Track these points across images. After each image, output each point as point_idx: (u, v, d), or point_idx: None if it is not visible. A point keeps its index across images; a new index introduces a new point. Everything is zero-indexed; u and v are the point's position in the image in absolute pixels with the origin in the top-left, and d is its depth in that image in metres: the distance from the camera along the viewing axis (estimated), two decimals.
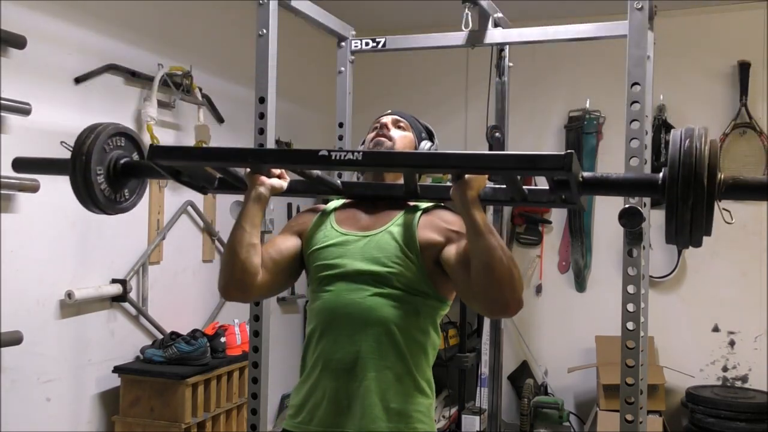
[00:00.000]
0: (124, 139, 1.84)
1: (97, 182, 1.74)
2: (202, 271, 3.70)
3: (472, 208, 1.45)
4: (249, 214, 1.62)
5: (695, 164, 1.30)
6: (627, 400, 2.00)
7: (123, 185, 1.85)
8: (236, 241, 1.60)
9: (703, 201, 1.30)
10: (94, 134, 1.74)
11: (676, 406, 4.21)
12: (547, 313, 4.63)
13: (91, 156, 1.71)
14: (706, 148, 1.31)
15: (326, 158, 1.45)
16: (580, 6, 4.08)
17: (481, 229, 1.43)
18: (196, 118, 3.49)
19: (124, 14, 3.15)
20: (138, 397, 3.02)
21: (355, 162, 1.45)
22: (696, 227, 1.33)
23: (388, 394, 1.56)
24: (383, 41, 2.65)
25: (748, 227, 4.20)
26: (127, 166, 1.82)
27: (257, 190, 1.63)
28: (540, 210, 4.59)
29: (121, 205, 1.87)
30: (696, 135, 1.33)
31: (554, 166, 1.33)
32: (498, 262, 1.41)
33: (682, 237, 1.35)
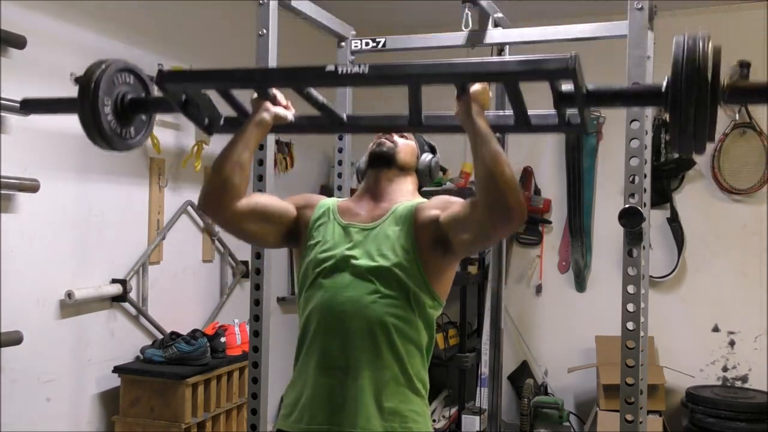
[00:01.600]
0: (132, 76, 1.82)
1: (104, 114, 1.72)
2: (202, 271, 3.70)
3: (476, 117, 1.48)
4: (246, 135, 1.61)
5: (699, 62, 1.29)
6: (627, 400, 2.00)
7: (130, 122, 1.82)
8: (224, 155, 1.60)
9: (707, 101, 1.29)
10: (103, 67, 1.73)
11: (676, 406, 4.21)
12: (547, 313, 4.63)
13: (99, 87, 1.69)
14: (710, 47, 1.30)
15: (333, 73, 1.46)
16: (580, 6, 4.08)
17: (486, 135, 1.46)
18: None
19: (124, 14, 3.15)
20: (138, 397, 3.02)
21: (362, 75, 1.45)
22: (699, 129, 1.31)
23: (383, 394, 1.56)
24: (383, 41, 2.65)
25: (748, 227, 4.20)
26: (135, 101, 1.80)
27: (261, 114, 1.63)
28: (540, 210, 4.59)
29: (127, 141, 1.84)
30: (699, 37, 1.32)
31: (560, 68, 1.32)
32: (503, 165, 1.44)
33: (685, 138, 1.34)
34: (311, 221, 1.72)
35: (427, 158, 1.83)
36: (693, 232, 4.32)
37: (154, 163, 3.31)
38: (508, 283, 4.61)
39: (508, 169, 1.44)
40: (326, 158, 4.73)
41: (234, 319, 3.57)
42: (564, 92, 1.43)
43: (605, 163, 4.45)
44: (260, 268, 2.18)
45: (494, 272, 2.99)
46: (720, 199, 4.28)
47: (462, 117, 1.50)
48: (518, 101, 1.51)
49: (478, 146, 1.46)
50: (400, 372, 1.59)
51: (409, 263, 1.60)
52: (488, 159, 1.44)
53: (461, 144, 4.58)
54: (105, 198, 3.05)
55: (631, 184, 2.02)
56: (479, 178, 1.47)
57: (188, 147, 3.49)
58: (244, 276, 3.90)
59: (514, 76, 1.44)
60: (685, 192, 4.35)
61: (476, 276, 4.36)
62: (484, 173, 1.45)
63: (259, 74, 1.67)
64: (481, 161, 1.45)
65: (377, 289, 1.59)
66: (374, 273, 1.60)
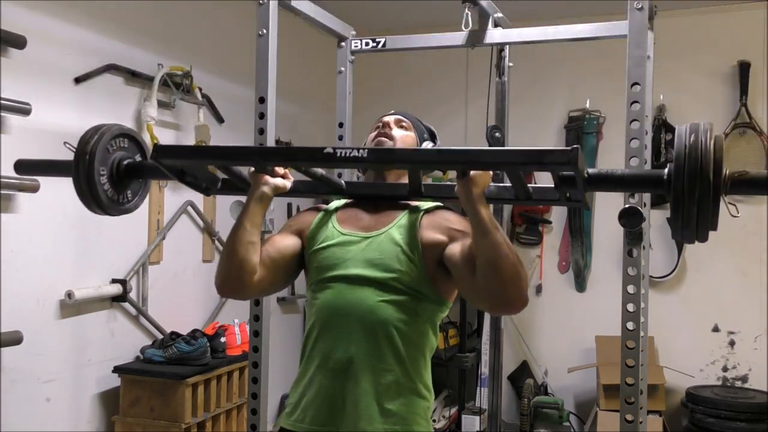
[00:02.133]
0: (127, 140, 1.84)
1: (100, 183, 1.74)
2: (202, 271, 3.70)
3: (477, 204, 1.45)
4: (251, 212, 1.61)
5: (701, 159, 1.29)
6: (627, 400, 2.00)
7: (126, 186, 1.85)
8: (236, 239, 1.60)
9: (709, 195, 1.30)
10: (97, 135, 1.74)
11: (676, 406, 4.21)
12: (547, 313, 4.63)
13: (95, 157, 1.71)
14: (712, 142, 1.31)
15: (331, 156, 1.45)
16: (580, 6, 4.08)
17: (487, 225, 1.43)
18: (196, 118, 3.49)
19: (124, 14, 3.15)
20: (138, 397, 3.02)
21: (360, 159, 1.44)
22: (702, 222, 1.33)
23: (385, 396, 1.56)
24: (383, 41, 2.65)
25: (748, 227, 4.20)
26: (131, 167, 1.82)
27: (261, 189, 1.63)
28: (540, 210, 4.59)
29: (124, 206, 1.87)
30: (701, 130, 1.32)
31: (560, 161, 1.33)
32: (504, 258, 1.41)
33: (688, 232, 1.35)
34: (310, 232, 1.71)
35: (428, 146, 1.80)
36: None
37: None
38: None
39: (510, 261, 1.41)
40: None
41: (234, 319, 3.57)
42: (565, 176, 1.43)
43: (605, 163, 4.44)
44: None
45: None
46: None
47: (462, 199, 1.47)
48: (519, 182, 1.53)
49: (478, 235, 1.44)
50: (402, 375, 1.58)
51: (415, 273, 1.59)
52: (489, 250, 1.42)
53: (461, 144, 4.59)
54: None
55: None
56: (479, 264, 1.44)
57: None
58: None
59: (516, 167, 1.45)
60: None
61: None
62: (484, 263, 1.43)
63: (257, 154, 1.65)
64: (481, 251, 1.43)
65: (381, 293, 1.58)
66: (377, 281, 1.59)
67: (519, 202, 1.64)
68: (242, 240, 1.59)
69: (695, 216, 1.32)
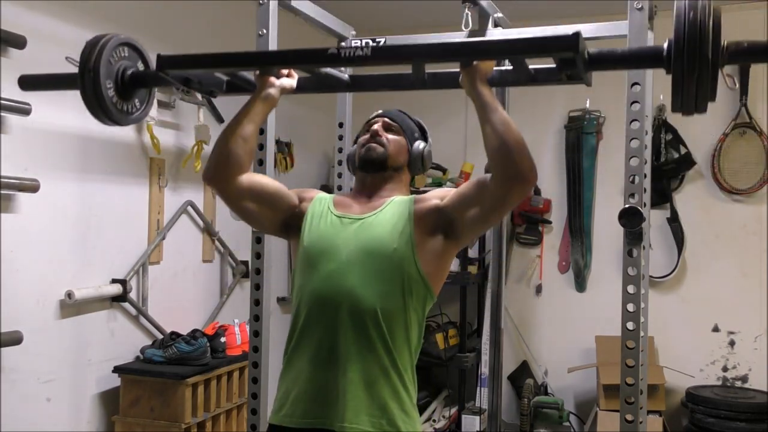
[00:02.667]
0: (128, 48, 1.82)
1: (108, 96, 1.72)
2: (202, 271, 3.70)
3: (481, 86, 1.51)
4: (252, 110, 1.65)
5: (699, 30, 1.31)
6: (627, 400, 2.00)
7: (132, 96, 1.82)
8: (229, 129, 1.64)
9: (708, 66, 1.31)
10: (98, 47, 1.72)
11: (676, 406, 4.21)
12: (547, 313, 4.63)
13: (99, 71, 1.69)
14: (710, 16, 1.32)
15: (335, 56, 1.48)
16: (580, 6, 4.08)
17: (494, 103, 1.50)
18: (196, 118, 3.49)
19: (124, 14, 3.15)
20: (138, 397, 3.02)
21: (365, 57, 1.46)
22: (701, 93, 1.34)
23: (373, 387, 1.57)
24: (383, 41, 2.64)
25: (748, 227, 4.20)
26: (136, 77, 1.80)
27: (267, 91, 1.67)
28: (540, 210, 4.59)
29: (133, 115, 1.84)
30: (699, 6, 1.33)
31: (563, 47, 1.37)
32: (513, 131, 1.47)
33: (687, 103, 1.37)
34: (307, 212, 1.73)
35: (419, 147, 1.82)
36: (693, 232, 4.32)
37: (154, 163, 3.31)
38: (508, 283, 4.61)
39: (518, 133, 1.48)
40: (326, 158, 4.74)
41: (234, 319, 3.57)
42: (566, 58, 1.45)
43: (605, 163, 4.45)
44: (260, 268, 2.18)
45: (494, 272, 2.99)
46: (720, 199, 4.28)
47: (467, 87, 1.53)
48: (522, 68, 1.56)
49: (487, 114, 1.49)
50: (390, 365, 1.59)
51: (404, 250, 1.60)
52: (498, 125, 1.47)
53: (461, 144, 4.59)
54: (105, 198, 3.05)
55: (631, 184, 2.02)
56: (491, 146, 1.49)
57: (188, 147, 3.49)
58: (244, 276, 3.90)
59: (521, 54, 1.48)
60: (685, 192, 4.35)
61: (476, 276, 4.36)
62: (496, 140, 1.47)
63: (262, 59, 1.68)
64: (491, 129, 1.48)
65: (369, 277, 1.59)
66: (367, 260, 1.60)
67: (522, 83, 1.67)
68: (235, 132, 1.63)
69: (694, 87, 1.33)
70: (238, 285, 3.95)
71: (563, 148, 4.53)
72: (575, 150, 4.48)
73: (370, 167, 1.76)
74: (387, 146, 1.76)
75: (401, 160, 1.79)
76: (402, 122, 1.83)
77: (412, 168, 1.82)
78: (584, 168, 4.47)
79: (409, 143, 1.81)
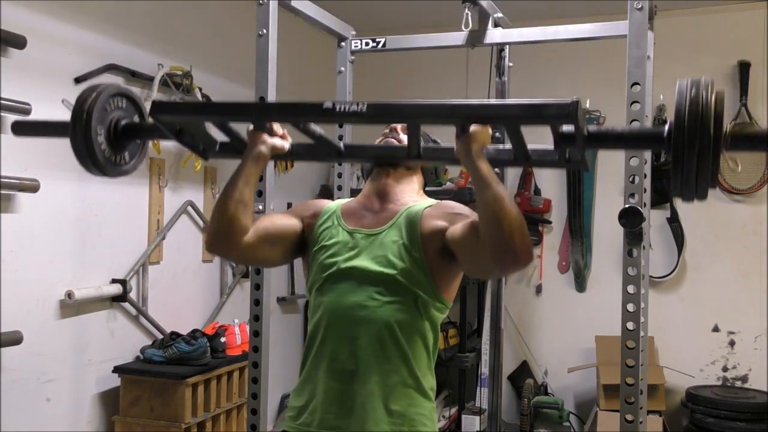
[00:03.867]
0: (125, 100, 1.81)
1: (97, 142, 1.71)
2: (202, 271, 3.70)
3: (477, 159, 1.44)
4: (245, 171, 1.59)
5: (702, 114, 1.28)
6: (627, 400, 2.00)
7: (123, 147, 1.81)
8: (227, 195, 1.58)
9: (710, 151, 1.28)
10: (95, 93, 1.71)
11: (676, 406, 4.21)
12: (547, 313, 4.63)
13: (92, 115, 1.68)
14: (713, 99, 1.30)
15: (330, 110, 1.43)
16: (580, 6, 4.08)
17: (488, 178, 1.43)
18: None
19: (124, 14, 3.15)
20: (138, 397, 3.02)
21: (360, 113, 1.42)
22: (702, 179, 1.31)
23: (391, 398, 1.56)
24: (383, 41, 2.65)
25: (748, 227, 4.20)
26: (128, 128, 1.79)
27: (258, 148, 1.60)
28: (540, 210, 4.59)
29: (121, 167, 1.83)
30: (702, 84, 1.32)
31: (560, 113, 1.31)
32: (507, 210, 1.41)
33: (687, 189, 1.34)
34: (316, 228, 1.71)
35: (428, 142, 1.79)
36: (693, 232, 4.32)
37: (154, 163, 3.32)
38: (508, 283, 4.60)
39: (513, 212, 1.40)
40: None
41: (234, 319, 3.57)
42: (565, 133, 1.42)
43: (605, 163, 4.45)
44: (260, 269, 2.18)
45: None
46: (720, 199, 4.28)
47: (462, 157, 1.46)
48: (518, 140, 1.51)
49: (480, 189, 1.43)
50: (408, 375, 1.58)
51: (416, 270, 1.59)
52: (491, 202, 1.41)
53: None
54: (105, 198, 3.05)
55: (631, 184, 2.02)
56: (482, 220, 1.43)
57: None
58: (244, 276, 3.90)
59: (516, 120, 1.42)
60: None
61: None
62: (487, 216, 1.42)
63: (256, 109, 1.63)
64: (483, 204, 1.42)
65: (384, 293, 1.58)
66: (380, 279, 1.59)
67: (518, 163, 1.63)
68: (233, 197, 1.57)
69: (695, 172, 1.30)
70: (238, 285, 3.95)
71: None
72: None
73: (386, 161, 1.76)
74: (404, 144, 1.74)
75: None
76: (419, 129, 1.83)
77: (426, 173, 1.82)
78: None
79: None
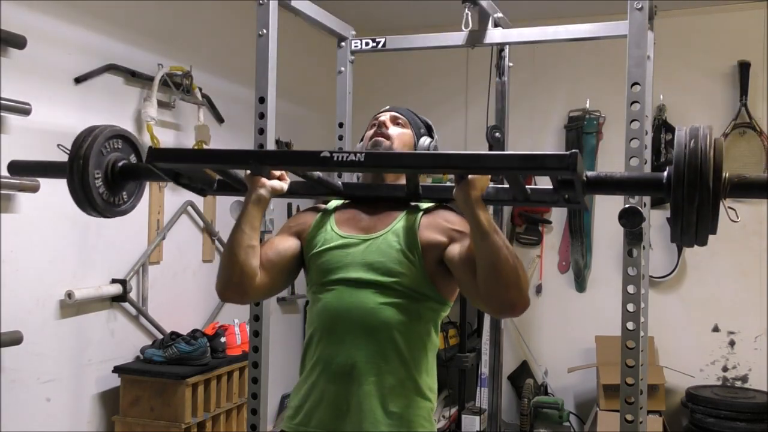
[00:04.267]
0: (122, 141, 1.84)
1: (95, 186, 1.73)
2: (202, 271, 3.70)
3: (476, 208, 1.43)
4: (249, 216, 1.61)
5: (701, 164, 1.29)
6: (627, 400, 2.00)
7: (121, 188, 1.85)
8: (235, 243, 1.59)
9: (709, 201, 1.30)
10: (91, 137, 1.73)
11: (676, 406, 4.21)
12: (547, 313, 4.63)
13: (89, 160, 1.70)
14: (711, 149, 1.30)
15: (328, 160, 1.44)
16: (580, 6, 4.08)
17: (486, 228, 1.42)
18: (196, 118, 3.49)
19: (124, 14, 3.15)
20: (138, 397, 3.02)
21: (358, 163, 1.44)
22: (702, 227, 1.33)
23: (389, 399, 1.56)
24: (383, 41, 2.65)
25: (748, 227, 4.20)
26: (126, 169, 1.81)
27: (257, 192, 1.61)
28: (540, 210, 4.59)
29: (119, 207, 1.86)
30: (701, 135, 1.32)
31: (559, 165, 1.33)
32: (504, 261, 1.40)
33: (687, 237, 1.35)
34: (310, 236, 1.70)
35: (425, 143, 1.78)
36: None
37: None
38: None
39: (510, 264, 1.40)
40: None
41: (234, 319, 3.57)
42: (564, 180, 1.43)
43: (605, 163, 4.44)
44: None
45: None
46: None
47: (461, 203, 1.46)
48: (518, 185, 1.53)
49: (478, 238, 1.43)
50: (406, 377, 1.58)
51: (414, 274, 1.59)
52: (488, 253, 1.41)
53: (461, 144, 4.58)
54: None
55: None
56: (479, 267, 1.43)
57: (188, 147, 3.48)
58: None
59: (515, 171, 1.44)
60: None
61: None
62: (484, 266, 1.42)
63: (253, 158, 1.63)
64: (481, 253, 1.42)
65: (382, 296, 1.58)
66: (378, 283, 1.58)
67: (517, 203, 1.64)
68: (242, 244, 1.59)
69: (695, 221, 1.32)
70: None
71: (563, 148, 4.53)
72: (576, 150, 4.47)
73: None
74: (393, 140, 1.74)
75: None
76: (409, 116, 1.81)
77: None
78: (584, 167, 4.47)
79: (416, 138, 1.78)
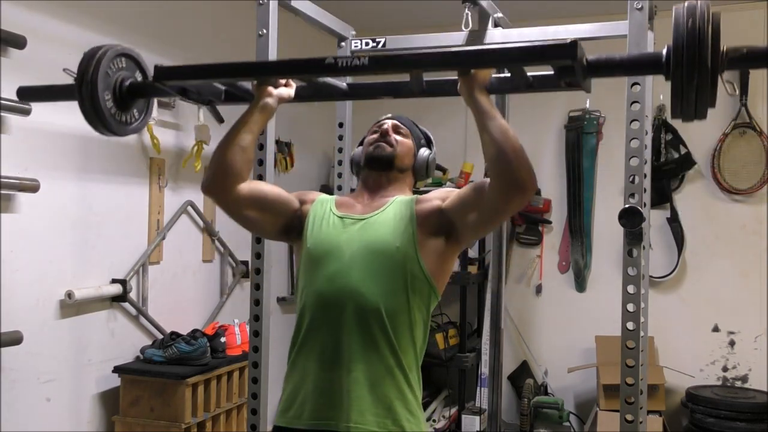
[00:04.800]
0: (125, 59, 1.82)
1: (106, 107, 1.71)
2: (202, 271, 3.70)
3: (479, 95, 1.50)
4: (250, 119, 1.66)
5: (698, 45, 1.30)
6: (627, 400, 2.00)
7: (130, 106, 1.82)
8: (227, 139, 1.64)
9: (708, 80, 1.31)
10: (95, 60, 1.71)
11: (676, 406, 4.21)
12: (547, 313, 4.63)
13: (97, 83, 1.68)
14: (709, 25, 1.31)
15: (333, 66, 1.48)
16: (580, 6, 4.08)
17: (492, 111, 1.49)
18: (196, 118, 3.49)
19: (124, 14, 3.15)
20: (138, 397, 3.02)
21: (362, 67, 1.47)
22: (701, 100, 1.35)
23: (378, 387, 1.57)
24: (383, 41, 2.65)
25: (748, 227, 4.20)
26: (134, 87, 1.79)
27: (264, 99, 1.67)
28: (540, 210, 4.59)
29: (131, 125, 1.84)
30: (698, 13, 1.32)
31: (560, 55, 1.37)
32: (512, 139, 1.46)
33: (687, 111, 1.37)
34: (309, 214, 1.74)
35: (424, 154, 1.84)
36: (693, 232, 4.32)
37: (154, 163, 3.31)
38: (508, 283, 4.60)
39: (517, 142, 1.47)
40: (326, 158, 4.73)
41: (234, 319, 3.57)
42: (565, 65, 1.44)
43: (605, 163, 4.45)
44: (260, 268, 2.18)
45: (494, 272, 2.99)
46: (720, 199, 4.28)
47: (465, 95, 1.52)
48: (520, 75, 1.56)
49: (485, 122, 1.48)
50: (395, 364, 1.59)
51: (408, 249, 1.61)
52: (497, 134, 1.46)
53: (461, 144, 4.59)
54: (105, 198, 3.05)
55: (631, 184, 2.02)
56: (489, 155, 1.48)
57: (188, 147, 3.49)
58: (244, 276, 3.90)
59: (519, 63, 1.47)
60: (685, 192, 4.35)
61: (476, 276, 4.36)
62: (494, 148, 1.47)
63: (259, 69, 1.68)
64: (488, 137, 1.47)
65: (373, 276, 1.59)
66: (370, 259, 1.60)
67: (520, 90, 1.67)
68: (233, 141, 1.63)
69: (694, 94, 1.33)
70: (238, 285, 3.95)
71: (563, 148, 4.53)
72: (575, 150, 4.48)
73: (377, 165, 1.78)
74: (395, 146, 1.78)
75: (407, 163, 1.81)
76: (410, 126, 1.86)
77: (416, 173, 1.84)
78: (584, 168, 4.47)
79: (416, 148, 1.83)
